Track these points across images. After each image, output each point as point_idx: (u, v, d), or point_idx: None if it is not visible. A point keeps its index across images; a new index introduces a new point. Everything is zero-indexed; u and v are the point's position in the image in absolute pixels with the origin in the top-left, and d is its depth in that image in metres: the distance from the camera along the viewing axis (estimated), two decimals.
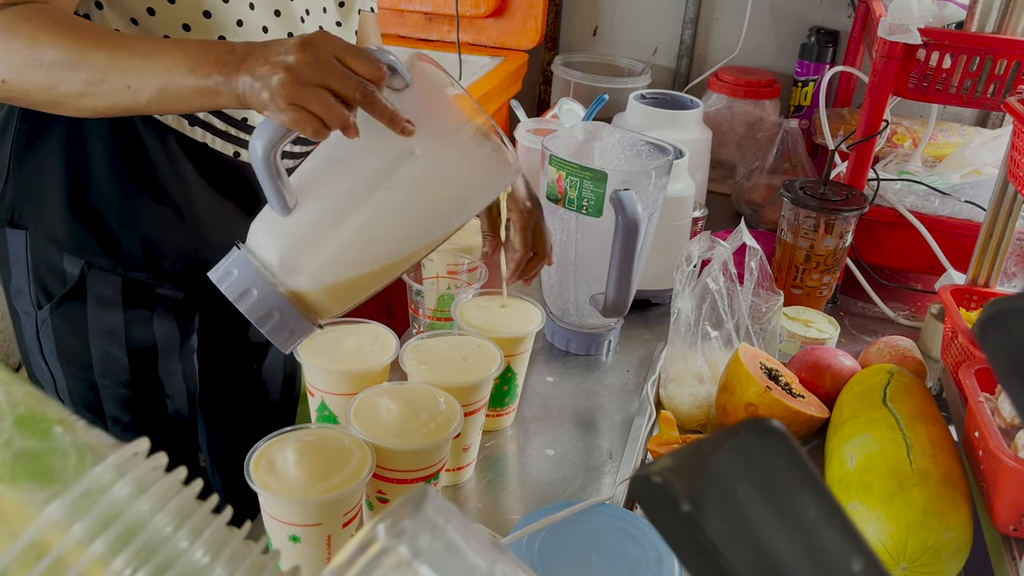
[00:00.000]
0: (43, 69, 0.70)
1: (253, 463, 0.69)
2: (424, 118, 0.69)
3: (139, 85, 0.69)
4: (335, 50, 0.66)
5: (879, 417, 0.84)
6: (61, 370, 0.97)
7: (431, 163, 0.70)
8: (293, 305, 0.70)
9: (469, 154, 0.72)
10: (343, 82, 0.65)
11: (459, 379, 0.82)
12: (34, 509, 0.31)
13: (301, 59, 0.65)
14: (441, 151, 0.71)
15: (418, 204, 0.72)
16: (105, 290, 0.93)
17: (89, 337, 0.95)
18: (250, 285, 0.69)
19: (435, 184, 0.71)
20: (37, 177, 0.90)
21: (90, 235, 0.90)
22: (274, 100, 0.64)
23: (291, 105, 0.64)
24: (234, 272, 0.70)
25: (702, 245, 1.00)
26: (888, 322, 1.26)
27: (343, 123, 0.65)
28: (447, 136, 0.71)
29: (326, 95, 0.64)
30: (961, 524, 0.74)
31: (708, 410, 0.98)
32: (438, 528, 0.31)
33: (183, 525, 0.34)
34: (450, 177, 0.72)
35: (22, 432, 0.32)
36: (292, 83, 0.64)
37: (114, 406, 0.99)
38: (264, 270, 0.69)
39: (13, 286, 0.96)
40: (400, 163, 0.69)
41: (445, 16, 1.79)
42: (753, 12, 1.74)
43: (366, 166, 0.70)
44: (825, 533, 0.29)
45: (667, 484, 0.30)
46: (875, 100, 1.17)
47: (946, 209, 1.27)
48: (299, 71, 0.64)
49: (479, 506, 0.86)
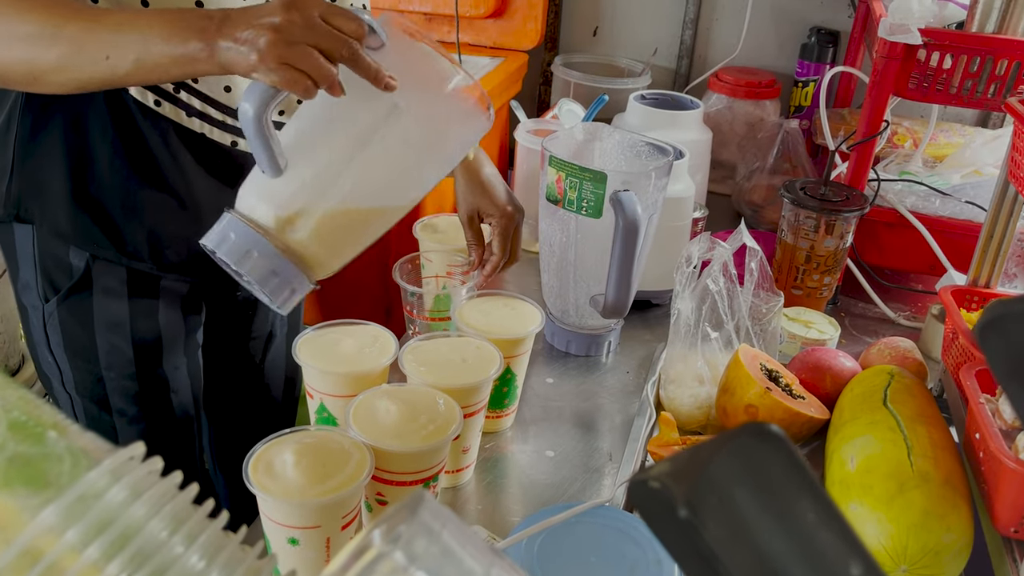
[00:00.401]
0: (19, 44, 0.70)
1: (252, 465, 0.69)
2: (404, 73, 0.71)
3: (116, 56, 0.69)
4: (319, 9, 0.67)
5: (880, 418, 0.84)
6: (68, 363, 0.98)
7: (415, 115, 0.73)
8: (293, 264, 0.71)
9: (449, 103, 0.75)
10: (331, 40, 0.66)
11: (458, 381, 0.82)
12: (28, 515, 0.31)
13: (288, 19, 0.66)
14: (423, 103, 0.73)
15: (406, 155, 0.74)
16: (111, 282, 0.94)
17: (95, 329, 0.96)
18: (249, 247, 0.71)
19: (421, 135, 0.74)
20: (41, 171, 0.90)
21: (94, 227, 0.91)
22: (264, 61, 0.65)
23: (282, 65, 0.65)
24: (231, 236, 0.71)
25: (702, 246, 1.00)
26: (889, 323, 1.26)
27: (331, 81, 0.67)
28: (427, 89, 0.74)
29: (314, 53, 0.66)
30: (962, 526, 0.73)
31: (708, 411, 0.98)
32: (434, 533, 0.31)
33: (178, 530, 0.34)
34: (434, 128, 0.75)
35: (16, 437, 0.32)
36: (281, 43, 0.65)
37: (120, 398, 1.00)
38: (260, 230, 0.71)
39: (21, 280, 0.97)
40: (387, 117, 0.72)
41: (445, 16, 1.79)
42: (753, 12, 1.74)
43: (354, 122, 0.72)
44: (823, 537, 0.29)
45: (664, 489, 0.29)
46: (875, 100, 1.16)
47: (947, 210, 1.27)
48: (287, 31, 0.65)
49: (479, 508, 0.86)
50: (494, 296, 0.99)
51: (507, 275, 1.34)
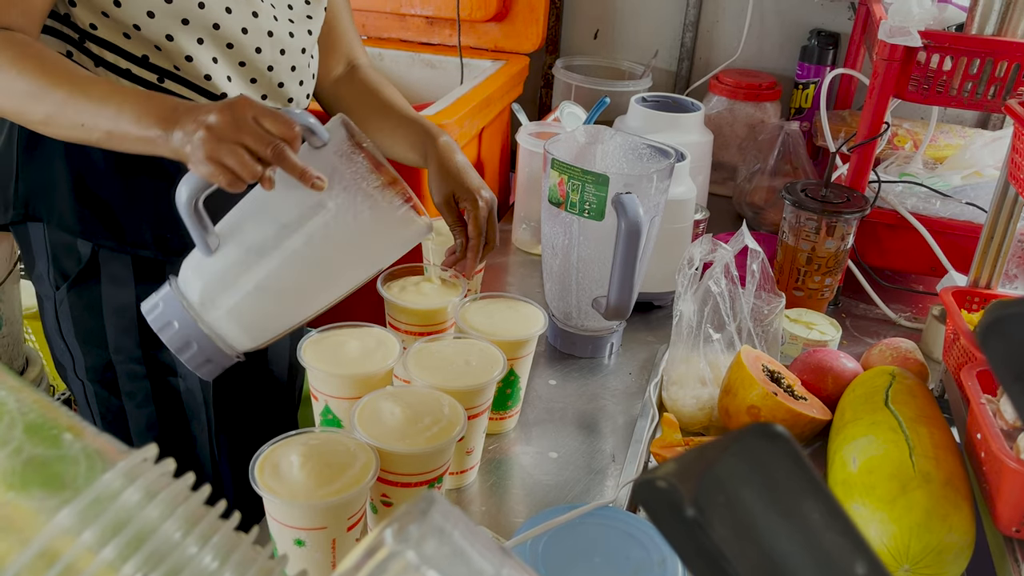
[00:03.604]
0: (14, 97, 0.79)
1: (258, 467, 0.69)
2: (338, 175, 0.77)
3: (91, 125, 0.78)
4: (253, 112, 0.74)
5: (881, 419, 0.84)
6: (79, 348, 1.02)
7: (342, 216, 0.78)
8: (210, 337, 0.77)
9: (379, 210, 0.79)
10: (256, 140, 0.73)
11: (462, 383, 0.83)
12: (44, 516, 0.31)
13: (220, 119, 0.73)
14: (352, 205, 0.78)
15: (328, 253, 0.79)
16: (117, 268, 0.99)
17: (104, 314, 1.00)
18: (171, 318, 0.77)
19: (344, 235, 0.79)
20: (43, 172, 0.96)
21: (97, 220, 0.96)
22: (194, 154, 0.73)
23: (208, 159, 0.73)
24: (160, 305, 0.78)
25: (704, 248, 1.00)
26: (890, 324, 1.26)
27: (254, 176, 0.73)
28: (359, 192, 0.78)
29: (241, 151, 0.73)
30: (964, 526, 0.74)
31: (710, 412, 0.98)
32: (445, 533, 0.31)
33: (192, 531, 0.34)
34: (360, 230, 0.79)
35: (32, 440, 0.33)
36: (211, 139, 0.73)
37: (128, 382, 1.04)
38: (187, 304, 0.77)
39: (36, 273, 1.02)
40: (313, 214, 0.77)
41: (447, 20, 1.79)
42: (754, 15, 1.74)
43: (282, 214, 0.78)
44: (829, 537, 0.29)
45: (671, 489, 0.30)
46: (876, 103, 1.17)
47: (947, 211, 1.27)
48: (217, 129, 0.73)
49: (483, 509, 0.86)
50: (497, 298, 0.99)
51: (510, 277, 1.34)
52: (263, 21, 0.96)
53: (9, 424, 0.33)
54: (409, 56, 1.82)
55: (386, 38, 1.87)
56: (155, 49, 0.90)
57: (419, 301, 0.97)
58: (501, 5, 1.75)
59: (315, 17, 1.04)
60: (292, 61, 1.00)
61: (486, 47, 1.82)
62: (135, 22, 0.88)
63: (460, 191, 0.98)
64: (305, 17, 1.03)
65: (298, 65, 1.02)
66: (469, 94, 1.50)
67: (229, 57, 0.94)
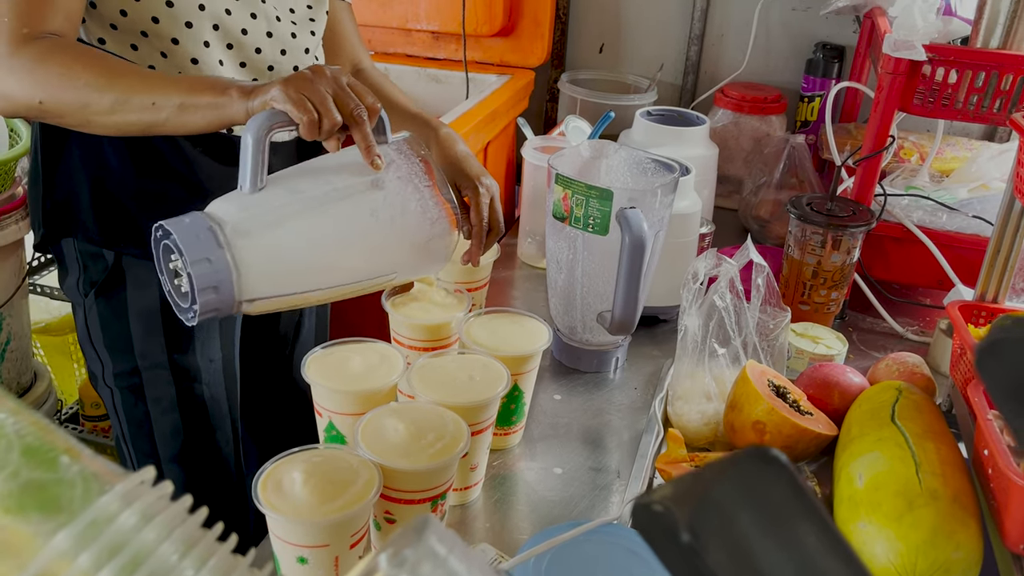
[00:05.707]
0: (76, 91, 0.81)
1: (261, 484, 0.69)
2: (395, 166, 0.83)
3: (163, 101, 0.80)
4: (347, 77, 0.79)
5: (888, 435, 0.84)
6: (107, 354, 1.04)
7: (391, 199, 0.81)
8: (228, 264, 0.74)
9: (426, 208, 0.84)
10: (346, 96, 0.78)
11: (466, 398, 0.83)
12: (41, 540, 0.32)
13: (315, 73, 0.78)
14: (402, 195, 0.82)
15: (367, 228, 0.81)
16: (141, 272, 1.00)
17: (129, 317, 1.02)
18: (198, 231, 0.75)
19: (387, 217, 0.81)
20: (66, 185, 0.99)
21: (118, 229, 0.99)
22: (285, 90, 0.76)
23: (296, 96, 0.76)
24: (186, 220, 0.75)
25: (709, 262, 1.00)
26: (897, 338, 1.25)
27: (333, 124, 0.77)
28: (411, 186, 0.83)
29: (328, 98, 0.77)
30: (971, 543, 0.73)
31: (716, 428, 0.98)
32: (440, 558, 0.31)
33: (188, 553, 0.34)
34: (403, 221, 0.82)
35: (29, 463, 0.33)
36: (303, 81, 0.77)
37: (153, 387, 1.05)
38: (217, 227, 0.75)
39: (67, 283, 1.05)
40: (365, 188, 0.81)
41: (452, 35, 1.80)
42: (759, 28, 1.75)
43: (337, 180, 0.80)
44: (825, 562, 0.29)
45: (667, 513, 0.30)
46: (881, 116, 1.17)
47: (954, 224, 1.27)
48: (308, 77, 0.78)
49: (486, 525, 0.86)
50: (501, 313, 0.99)
51: (515, 291, 1.34)
52: (261, 22, 0.97)
53: (6, 447, 0.33)
54: (415, 71, 1.83)
55: (392, 53, 1.88)
56: (161, 56, 0.91)
57: (423, 316, 0.97)
58: (507, 20, 1.76)
59: (317, 20, 1.06)
60: (295, 61, 1.02)
61: (492, 62, 1.83)
62: (142, 28, 0.89)
63: (461, 179, 0.98)
64: (307, 20, 1.04)
65: (301, 65, 1.02)
66: (475, 108, 1.51)
67: (231, 57, 0.96)
